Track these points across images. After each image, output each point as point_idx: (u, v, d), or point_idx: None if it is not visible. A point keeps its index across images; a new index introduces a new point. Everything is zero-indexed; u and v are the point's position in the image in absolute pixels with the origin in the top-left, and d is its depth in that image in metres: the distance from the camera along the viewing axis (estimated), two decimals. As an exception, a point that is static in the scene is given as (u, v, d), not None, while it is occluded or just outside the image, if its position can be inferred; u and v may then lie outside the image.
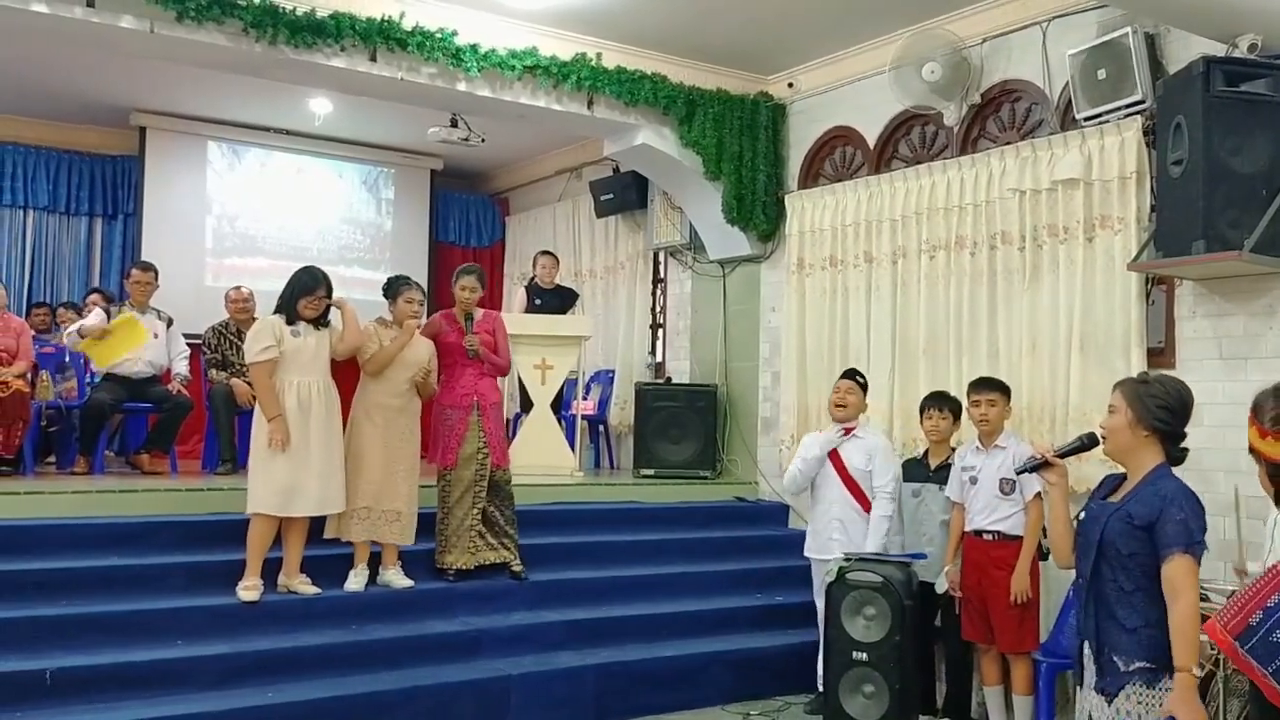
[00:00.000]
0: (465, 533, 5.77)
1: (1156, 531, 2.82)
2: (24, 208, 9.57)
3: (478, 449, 5.83)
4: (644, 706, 5.54)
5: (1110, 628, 2.91)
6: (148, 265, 7.32)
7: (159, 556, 5.38)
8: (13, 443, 6.41)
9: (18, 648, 4.61)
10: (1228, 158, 4.61)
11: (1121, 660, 2.88)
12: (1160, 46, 5.38)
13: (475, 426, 5.83)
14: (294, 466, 5.19)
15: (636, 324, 9.30)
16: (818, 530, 5.67)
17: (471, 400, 5.86)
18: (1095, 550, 2.95)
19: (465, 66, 6.58)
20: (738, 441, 8.14)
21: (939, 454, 5.55)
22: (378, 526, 5.55)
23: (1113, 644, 2.91)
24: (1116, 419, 2.99)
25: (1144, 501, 2.88)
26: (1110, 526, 2.91)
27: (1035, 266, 5.91)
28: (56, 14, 5.58)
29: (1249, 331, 5.06)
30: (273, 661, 4.94)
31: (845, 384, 5.68)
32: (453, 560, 5.76)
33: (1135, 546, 2.86)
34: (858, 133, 7.31)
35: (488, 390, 5.96)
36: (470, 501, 5.79)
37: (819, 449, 5.57)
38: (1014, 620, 5.00)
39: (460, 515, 5.79)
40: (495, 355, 6.00)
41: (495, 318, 6.17)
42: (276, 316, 5.39)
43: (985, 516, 5.10)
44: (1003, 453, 5.11)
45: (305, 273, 5.52)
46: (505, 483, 5.94)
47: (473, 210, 11.44)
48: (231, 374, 7.08)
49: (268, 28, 5.97)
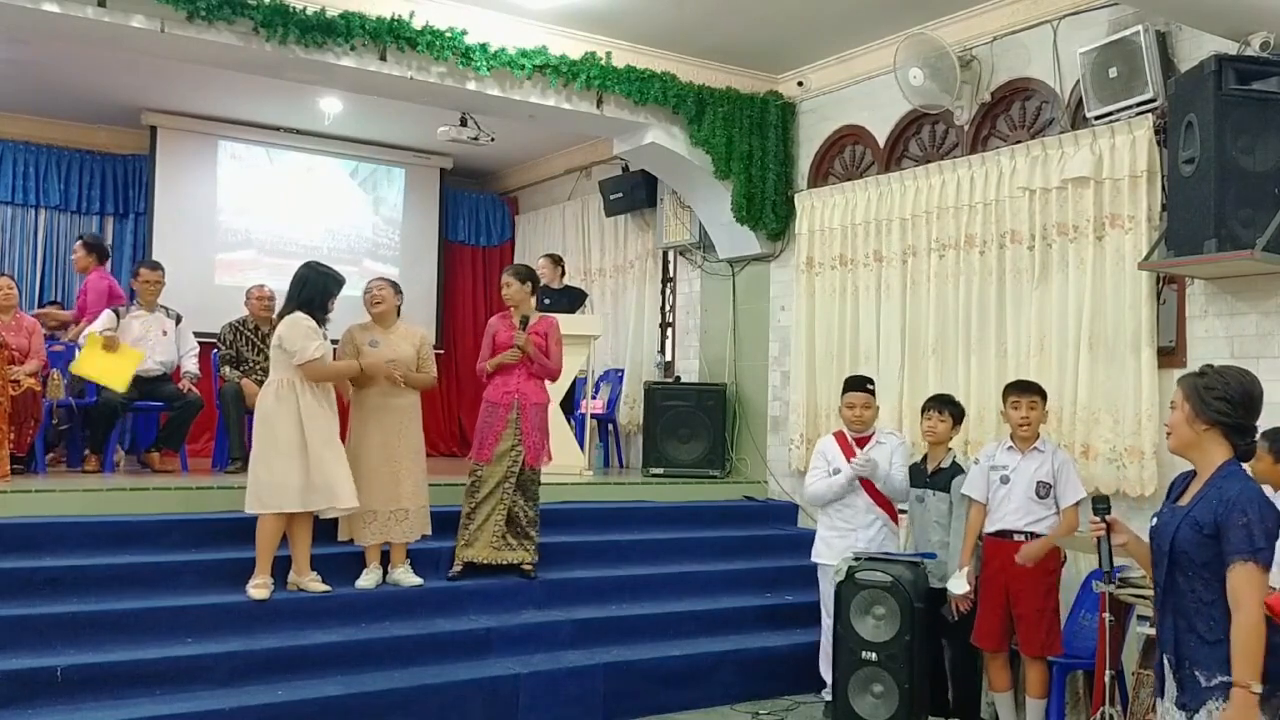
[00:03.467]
0: (490, 528, 5.79)
1: (1221, 538, 2.71)
2: (35, 206, 9.60)
3: (512, 446, 5.83)
4: (653, 705, 5.54)
5: (1190, 641, 2.78)
6: (156, 265, 7.34)
7: (169, 554, 5.40)
8: (25, 441, 6.43)
9: (29, 645, 4.64)
10: (1239, 156, 4.59)
11: (1203, 675, 2.74)
12: (1172, 44, 5.36)
13: (513, 425, 5.84)
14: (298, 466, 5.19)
15: (646, 323, 9.29)
16: (833, 540, 5.56)
17: (513, 398, 5.86)
18: (1168, 560, 2.83)
19: (475, 65, 6.58)
20: (747, 441, 8.13)
21: (936, 457, 5.49)
22: (388, 527, 5.57)
23: (1193, 658, 2.78)
24: (1176, 414, 2.90)
25: (1209, 506, 2.76)
26: (1181, 535, 2.80)
27: (1045, 265, 5.89)
28: (68, 14, 5.60)
29: (1261, 331, 5.04)
30: (283, 659, 4.95)
31: (861, 398, 5.55)
32: (473, 554, 5.77)
33: (1208, 555, 2.73)
34: (867, 131, 7.30)
35: (531, 391, 5.93)
36: (498, 498, 5.80)
37: (845, 480, 5.46)
38: (1042, 624, 4.91)
39: (487, 511, 5.80)
40: (545, 358, 5.97)
41: (550, 322, 6.11)
42: (307, 317, 5.38)
43: (1018, 519, 4.99)
44: (1040, 456, 5.02)
45: (330, 278, 5.52)
46: (533, 482, 5.93)
47: (482, 209, 11.45)
48: (244, 373, 7.10)
49: (278, 27, 5.99)
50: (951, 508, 5.35)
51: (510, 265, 6.36)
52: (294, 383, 5.28)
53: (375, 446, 5.56)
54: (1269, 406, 2.98)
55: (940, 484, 5.40)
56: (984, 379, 6.13)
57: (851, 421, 5.59)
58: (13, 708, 4.34)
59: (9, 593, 4.85)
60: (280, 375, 5.32)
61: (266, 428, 5.26)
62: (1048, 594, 4.95)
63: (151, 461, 7.17)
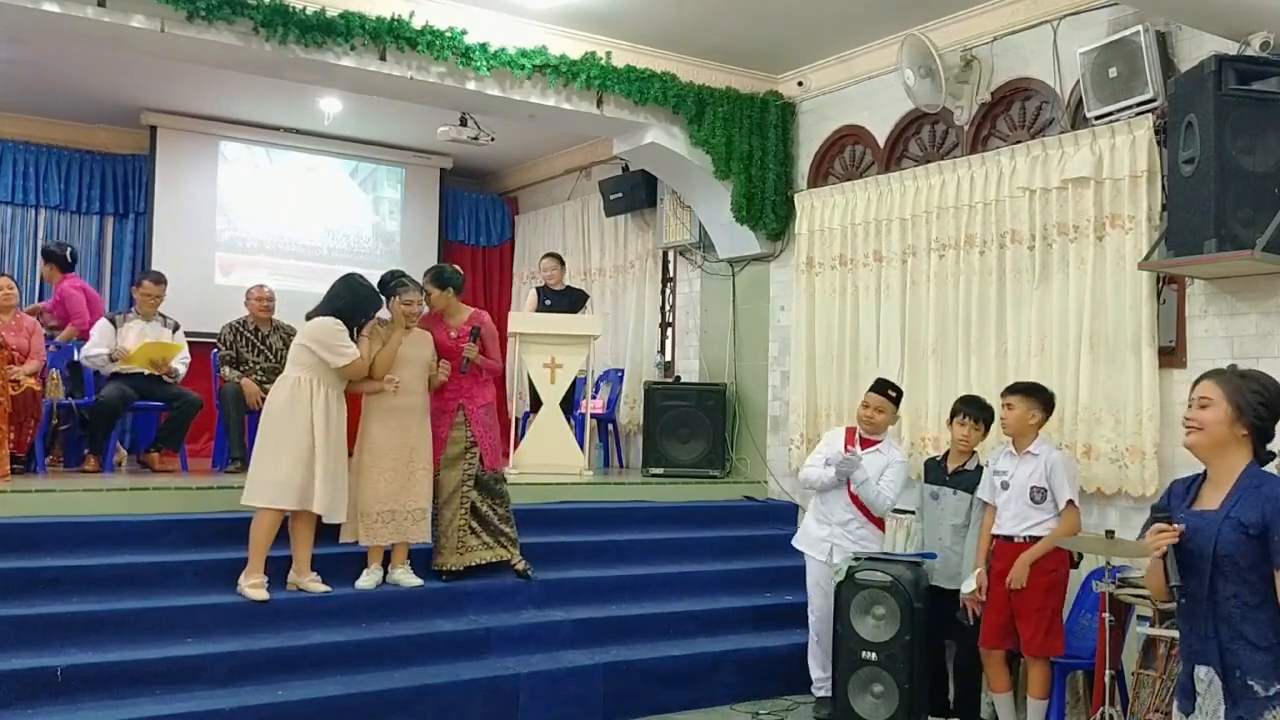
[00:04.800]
0: (454, 533, 5.75)
1: (1267, 538, 2.62)
2: (35, 206, 9.60)
3: (464, 450, 5.79)
4: (652, 705, 5.54)
5: (1240, 649, 2.66)
6: (160, 278, 7.30)
7: (169, 554, 5.40)
8: (24, 441, 6.43)
9: (29, 645, 4.64)
10: (1239, 156, 4.59)
11: (1259, 684, 2.62)
12: (1172, 45, 5.36)
13: (461, 428, 5.80)
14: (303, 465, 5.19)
15: (646, 323, 9.29)
16: (811, 529, 5.67)
17: (456, 402, 5.82)
18: (1210, 565, 2.70)
19: (475, 65, 6.58)
20: (747, 441, 8.13)
21: (958, 459, 5.44)
22: (404, 527, 5.56)
23: (1244, 666, 2.65)
24: (1213, 413, 2.76)
25: (1252, 505, 2.66)
26: (1224, 538, 2.67)
27: (1045, 265, 5.89)
28: (68, 13, 5.60)
29: (1261, 331, 5.04)
30: (282, 659, 4.95)
31: (876, 400, 5.55)
32: (442, 561, 5.76)
33: (1255, 557, 2.64)
34: (867, 131, 7.30)
35: (475, 392, 5.88)
36: (457, 503, 5.75)
37: (835, 473, 5.49)
38: (1043, 625, 4.91)
39: (449, 516, 5.76)
40: (489, 360, 5.92)
41: (481, 318, 5.96)
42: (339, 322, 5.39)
43: (1017, 524, 5.00)
44: (1035, 460, 5.00)
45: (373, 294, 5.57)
46: (496, 483, 5.89)
47: (482, 209, 11.45)
48: (244, 373, 7.10)
49: (278, 27, 5.98)
50: (971, 507, 5.32)
51: (428, 270, 6.06)
52: (313, 381, 5.27)
53: (395, 447, 5.55)
54: (1269, 407, 2.97)
55: (964, 484, 5.34)
56: (984, 379, 6.12)
57: (863, 421, 5.60)
58: (13, 708, 4.34)
59: (9, 593, 4.85)
60: (298, 373, 5.30)
61: (274, 423, 5.25)
62: (1048, 593, 4.94)
63: (151, 461, 7.16)
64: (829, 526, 5.58)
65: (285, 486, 5.16)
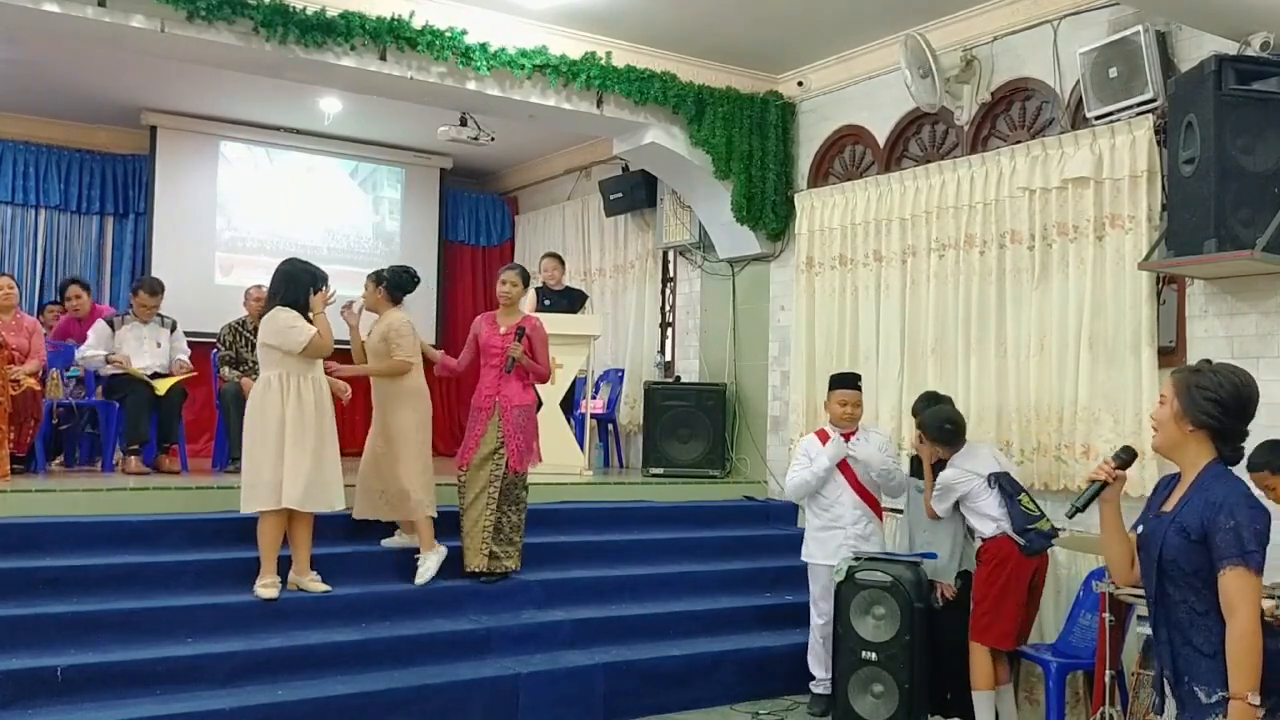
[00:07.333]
0: (479, 534, 5.75)
1: (1209, 543, 2.55)
2: (35, 206, 9.60)
3: (494, 450, 5.79)
4: (653, 705, 5.54)
5: (1187, 654, 2.61)
6: (156, 289, 7.29)
7: (170, 554, 5.40)
8: (24, 441, 6.43)
9: (29, 645, 4.63)
10: (1239, 156, 4.59)
11: (1203, 691, 2.57)
12: (1172, 45, 5.36)
13: (494, 429, 5.80)
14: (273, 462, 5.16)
15: (646, 323, 9.29)
16: (824, 539, 5.61)
17: (493, 402, 5.83)
18: (1156, 569, 2.67)
19: (475, 65, 6.58)
20: (747, 440, 8.13)
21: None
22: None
23: (1191, 673, 2.60)
24: (1163, 410, 2.71)
25: (1194, 510, 2.60)
26: (1168, 543, 2.63)
27: (1045, 265, 5.89)
28: (68, 13, 5.60)
29: (1261, 331, 5.04)
30: (283, 659, 4.95)
31: (854, 396, 5.64)
32: (467, 561, 5.76)
33: (1198, 562, 2.57)
34: (868, 131, 7.30)
35: (514, 393, 5.88)
36: (483, 505, 5.74)
37: (828, 460, 5.52)
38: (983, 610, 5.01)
39: (473, 517, 5.76)
40: (535, 363, 5.94)
41: (534, 323, 6.00)
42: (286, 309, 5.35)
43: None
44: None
45: (307, 271, 5.50)
46: (517, 487, 5.84)
47: (482, 209, 11.45)
48: (244, 373, 7.09)
49: (278, 27, 5.99)
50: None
51: (512, 264, 6.27)
52: (282, 376, 5.25)
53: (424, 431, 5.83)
54: (1270, 407, 2.97)
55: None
56: (984, 379, 6.13)
57: (842, 419, 5.61)
58: (13, 708, 4.34)
59: (9, 593, 4.85)
60: (267, 373, 5.29)
61: (249, 428, 5.27)
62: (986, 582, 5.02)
63: (157, 463, 7.16)
64: (842, 530, 5.56)
65: (267, 487, 5.16)
